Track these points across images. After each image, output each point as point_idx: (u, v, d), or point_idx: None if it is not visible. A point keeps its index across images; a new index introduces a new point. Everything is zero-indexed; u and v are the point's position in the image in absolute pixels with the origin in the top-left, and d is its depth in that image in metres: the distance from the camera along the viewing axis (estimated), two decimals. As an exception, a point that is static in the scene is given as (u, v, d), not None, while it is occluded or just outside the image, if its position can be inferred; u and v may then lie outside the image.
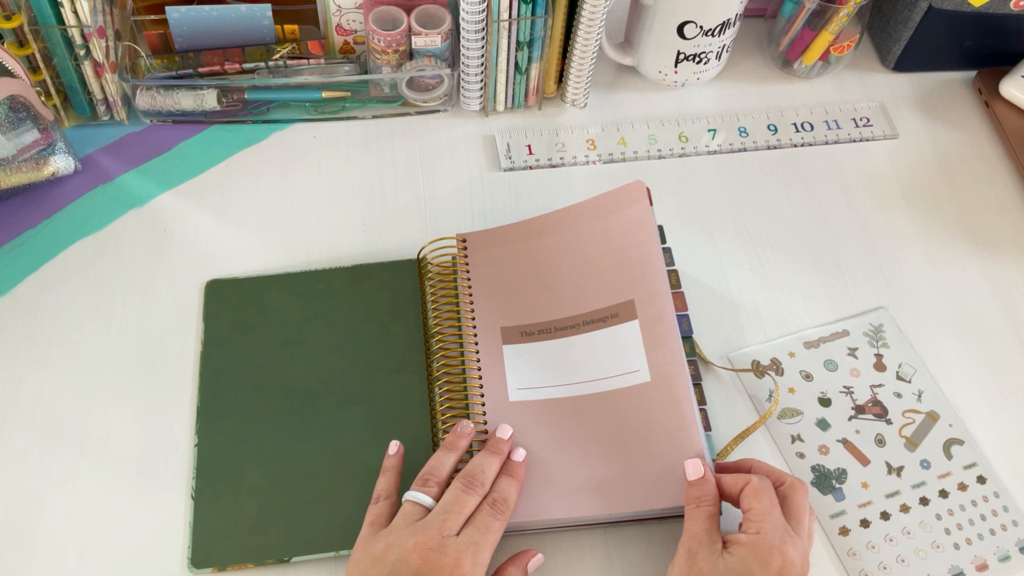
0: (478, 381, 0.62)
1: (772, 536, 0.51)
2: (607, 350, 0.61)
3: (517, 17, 0.71)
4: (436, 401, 0.62)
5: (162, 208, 0.73)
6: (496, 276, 0.66)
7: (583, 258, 0.65)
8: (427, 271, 0.68)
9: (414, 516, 0.53)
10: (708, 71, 0.81)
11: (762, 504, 0.53)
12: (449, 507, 0.53)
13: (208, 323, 0.66)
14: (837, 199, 0.76)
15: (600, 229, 0.65)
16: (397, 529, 0.53)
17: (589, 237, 0.65)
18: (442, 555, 0.50)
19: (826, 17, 0.77)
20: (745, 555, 0.51)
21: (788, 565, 0.51)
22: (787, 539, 0.52)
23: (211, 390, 0.62)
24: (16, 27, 0.68)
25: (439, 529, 0.51)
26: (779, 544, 0.51)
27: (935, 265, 0.73)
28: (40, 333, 0.66)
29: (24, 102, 0.67)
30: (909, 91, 0.84)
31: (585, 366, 0.61)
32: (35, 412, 0.62)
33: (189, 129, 0.77)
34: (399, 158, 0.77)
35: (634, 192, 0.65)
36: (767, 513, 0.52)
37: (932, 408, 0.65)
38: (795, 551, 0.51)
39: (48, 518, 0.58)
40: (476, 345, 0.63)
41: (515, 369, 0.62)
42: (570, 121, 0.80)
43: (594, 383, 0.61)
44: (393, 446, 0.59)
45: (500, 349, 0.63)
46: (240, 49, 0.76)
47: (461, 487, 0.54)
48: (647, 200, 0.65)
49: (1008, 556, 0.60)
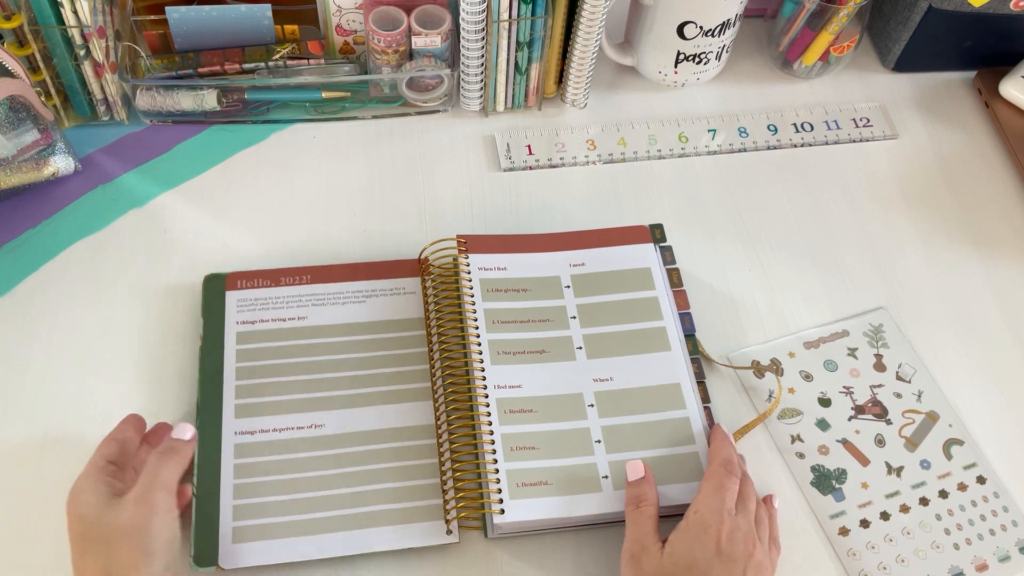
0: (482, 381, 0.62)
1: (706, 515, 0.53)
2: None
3: (517, 17, 0.71)
4: (439, 402, 0.62)
5: (162, 208, 0.73)
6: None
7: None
8: (428, 271, 0.68)
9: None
10: (708, 71, 0.81)
11: (707, 481, 0.55)
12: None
13: (207, 318, 0.65)
14: (837, 199, 0.76)
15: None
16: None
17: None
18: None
19: (826, 17, 0.77)
20: (682, 539, 0.52)
21: (727, 537, 0.52)
22: (724, 518, 0.53)
23: (211, 386, 0.62)
24: (16, 27, 0.68)
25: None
26: (715, 522, 0.52)
27: (935, 265, 0.73)
28: (40, 333, 0.66)
29: (24, 102, 0.67)
30: (909, 91, 0.84)
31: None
32: (35, 412, 0.62)
33: (189, 129, 0.77)
34: (399, 158, 0.77)
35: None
36: (707, 496, 0.54)
37: (932, 408, 0.65)
38: (732, 526, 0.53)
39: (48, 518, 0.58)
40: (479, 343, 0.63)
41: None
42: (570, 121, 0.80)
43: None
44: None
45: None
46: (240, 49, 0.76)
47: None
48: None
49: (1008, 556, 0.60)
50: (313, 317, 0.66)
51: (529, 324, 0.64)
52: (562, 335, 0.64)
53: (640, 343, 0.64)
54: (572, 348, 0.64)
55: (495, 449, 0.59)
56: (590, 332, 0.64)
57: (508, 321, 0.64)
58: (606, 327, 0.65)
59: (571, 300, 0.66)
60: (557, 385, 0.62)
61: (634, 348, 0.64)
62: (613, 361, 0.63)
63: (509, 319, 0.64)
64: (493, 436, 0.59)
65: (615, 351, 0.64)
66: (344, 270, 0.68)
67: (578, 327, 0.65)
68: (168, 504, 0.52)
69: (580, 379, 0.62)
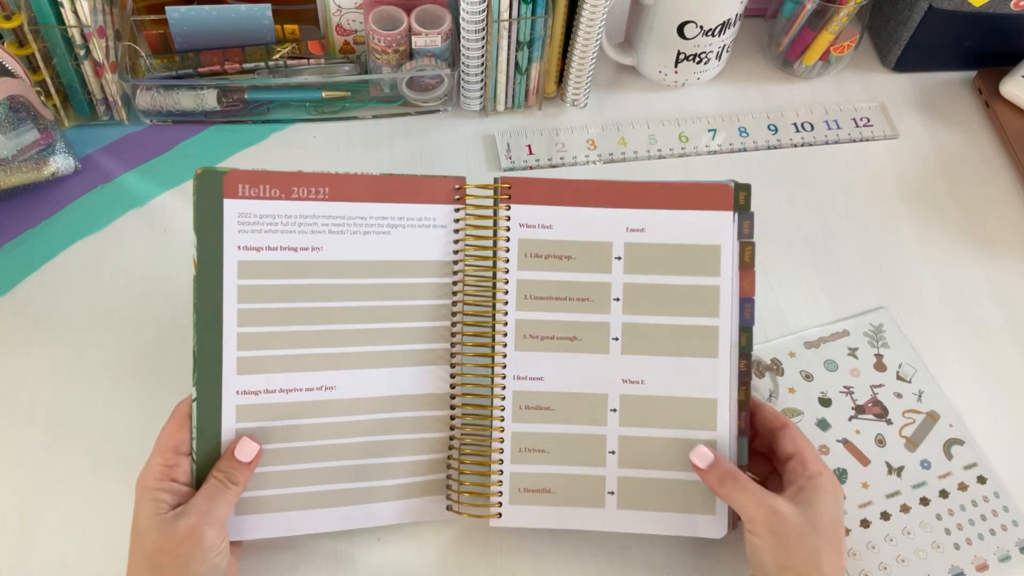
0: (502, 369, 0.58)
1: (828, 473, 0.54)
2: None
3: (517, 17, 0.71)
4: (455, 387, 0.59)
5: (162, 208, 0.73)
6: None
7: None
8: (463, 201, 0.59)
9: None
10: (708, 71, 0.81)
11: (809, 446, 0.55)
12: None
13: (201, 236, 0.56)
14: (837, 199, 0.76)
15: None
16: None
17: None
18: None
19: (826, 17, 0.77)
20: (823, 499, 0.52)
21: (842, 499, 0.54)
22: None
23: (209, 333, 0.56)
24: (16, 27, 0.68)
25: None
26: (834, 481, 0.54)
27: (935, 265, 0.73)
28: (40, 333, 0.66)
29: (24, 102, 0.67)
30: (909, 91, 0.84)
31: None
32: (35, 412, 0.62)
33: (189, 129, 0.77)
34: (399, 158, 0.77)
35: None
36: (815, 453, 0.55)
37: (932, 408, 0.65)
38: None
39: (48, 518, 0.58)
40: (505, 322, 0.58)
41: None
42: (570, 121, 0.80)
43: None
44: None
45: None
46: (240, 49, 0.76)
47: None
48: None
49: (1008, 556, 0.60)
50: (329, 249, 0.57)
51: (565, 302, 0.58)
52: (599, 320, 0.58)
53: (685, 343, 0.58)
54: (607, 338, 0.58)
55: (503, 448, 0.57)
56: (631, 321, 0.58)
57: (542, 297, 0.58)
58: (651, 317, 0.58)
59: (619, 276, 0.58)
60: (582, 381, 0.58)
61: (676, 348, 0.58)
62: (649, 361, 0.58)
63: (544, 294, 0.58)
64: (503, 434, 0.57)
65: (654, 348, 0.58)
66: (369, 184, 0.58)
67: (619, 312, 0.58)
68: (216, 543, 0.51)
69: (608, 377, 0.58)
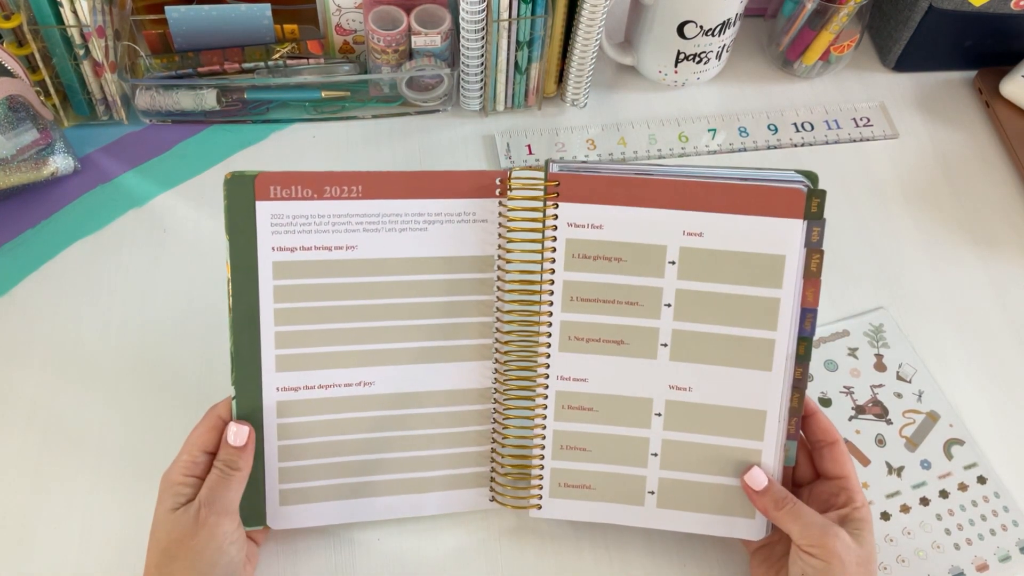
0: (545, 369, 0.57)
1: (866, 507, 0.54)
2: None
3: (517, 17, 0.71)
4: (497, 384, 0.58)
5: (162, 208, 0.73)
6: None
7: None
8: (508, 192, 0.57)
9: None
10: (708, 71, 0.81)
11: (854, 471, 0.55)
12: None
13: (234, 239, 0.55)
14: (837, 199, 0.76)
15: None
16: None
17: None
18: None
19: (826, 17, 0.77)
20: (868, 531, 0.53)
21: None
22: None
23: (247, 333, 0.55)
24: (15, 27, 0.68)
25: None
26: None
27: (935, 265, 0.73)
28: (40, 333, 0.66)
29: (23, 102, 0.67)
30: (909, 91, 0.84)
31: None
32: (34, 412, 0.62)
33: (189, 129, 0.77)
34: (399, 158, 0.77)
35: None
36: (858, 479, 0.55)
37: (932, 408, 0.65)
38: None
39: (48, 518, 0.58)
40: (549, 323, 0.56)
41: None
42: (570, 121, 0.80)
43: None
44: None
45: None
46: (240, 49, 0.76)
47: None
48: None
49: (1008, 556, 0.60)
50: (364, 247, 0.56)
51: (613, 305, 0.55)
52: (648, 325, 0.55)
53: (737, 354, 0.55)
54: (655, 344, 0.56)
55: (543, 445, 0.57)
56: (681, 328, 0.55)
57: (589, 299, 0.55)
58: (703, 325, 0.55)
59: (671, 281, 0.55)
60: (627, 385, 0.56)
61: (728, 359, 0.55)
62: (698, 369, 0.55)
63: (591, 296, 0.55)
64: (545, 431, 0.57)
65: (704, 357, 0.55)
66: (404, 180, 0.56)
67: (669, 318, 0.55)
68: (230, 533, 0.51)
69: (654, 383, 0.56)
